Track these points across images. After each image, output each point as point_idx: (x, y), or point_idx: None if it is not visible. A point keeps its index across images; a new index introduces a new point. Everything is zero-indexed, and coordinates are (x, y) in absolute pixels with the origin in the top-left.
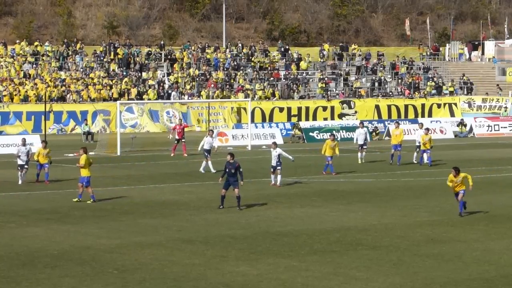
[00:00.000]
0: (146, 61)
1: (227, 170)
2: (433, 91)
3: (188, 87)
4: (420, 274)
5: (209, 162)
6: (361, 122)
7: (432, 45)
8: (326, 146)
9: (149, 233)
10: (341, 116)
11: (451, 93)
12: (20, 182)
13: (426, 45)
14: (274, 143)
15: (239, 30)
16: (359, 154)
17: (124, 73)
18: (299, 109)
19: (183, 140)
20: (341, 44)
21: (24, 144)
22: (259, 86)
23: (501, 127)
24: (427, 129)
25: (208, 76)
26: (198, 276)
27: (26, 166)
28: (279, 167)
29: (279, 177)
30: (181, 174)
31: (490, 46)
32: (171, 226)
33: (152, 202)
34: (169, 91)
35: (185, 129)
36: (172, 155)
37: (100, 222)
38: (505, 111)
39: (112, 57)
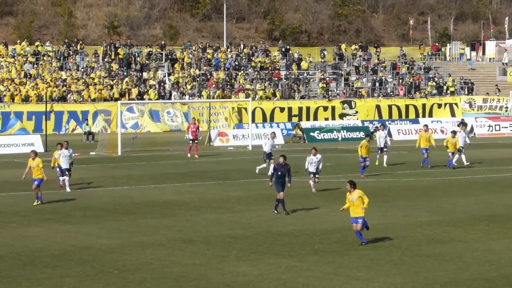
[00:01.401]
0: (147, 61)
1: (279, 173)
2: (434, 91)
3: (189, 87)
4: (421, 274)
5: (264, 165)
6: (382, 124)
7: (433, 45)
8: (362, 146)
9: (150, 233)
10: (342, 116)
11: (452, 93)
12: (68, 189)
13: (427, 44)
14: (315, 148)
15: (240, 30)
16: (378, 156)
17: (125, 73)
18: (300, 109)
19: (196, 141)
20: (360, 44)
21: (66, 147)
22: (260, 86)
23: (502, 127)
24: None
25: (209, 76)
26: (199, 276)
27: (70, 172)
28: (317, 175)
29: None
30: (182, 174)
31: (491, 46)
32: (172, 226)
33: (153, 202)
34: (170, 91)
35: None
36: (188, 155)
37: (101, 222)
38: (506, 111)
39: (113, 57)
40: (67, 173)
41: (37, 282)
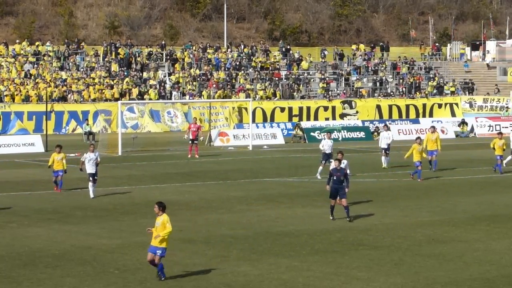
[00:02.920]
0: (147, 61)
1: (334, 178)
2: (435, 91)
3: (189, 87)
4: (422, 274)
5: (321, 168)
6: (385, 125)
7: (433, 44)
8: (413, 151)
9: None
10: (342, 116)
11: (452, 93)
12: (92, 195)
13: (428, 45)
14: (341, 152)
15: (240, 30)
16: (382, 158)
17: (125, 73)
18: (300, 109)
19: (196, 141)
20: (381, 44)
21: (93, 150)
22: (260, 86)
23: (502, 127)
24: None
25: (209, 76)
26: (199, 276)
27: (96, 177)
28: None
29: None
30: (182, 174)
31: (491, 46)
32: (172, 226)
33: (153, 202)
34: (171, 91)
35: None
36: (189, 156)
37: (101, 222)
38: (507, 111)
39: (113, 57)
40: (91, 178)
41: (37, 282)
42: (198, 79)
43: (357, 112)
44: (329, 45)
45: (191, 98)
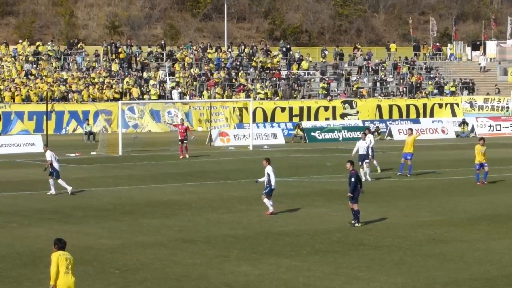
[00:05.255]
0: (148, 61)
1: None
2: (435, 91)
3: (189, 87)
4: (422, 274)
5: (364, 171)
6: (368, 128)
7: (433, 44)
8: (477, 152)
9: (151, 233)
10: (342, 116)
11: (453, 93)
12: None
13: (428, 44)
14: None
15: (240, 30)
16: (375, 163)
17: (126, 73)
18: (301, 109)
19: (185, 141)
20: (414, 44)
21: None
22: (260, 86)
23: (503, 127)
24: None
25: (209, 76)
26: (200, 276)
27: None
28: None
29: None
30: (182, 174)
31: (492, 46)
32: (173, 226)
33: (154, 202)
34: (171, 91)
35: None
36: (181, 157)
37: (102, 222)
38: (507, 111)
39: (113, 57)
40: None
41: (38, 282)
42: (199, 79)
43: (357, 112)
44: (330, 45)
45: (191, 98)
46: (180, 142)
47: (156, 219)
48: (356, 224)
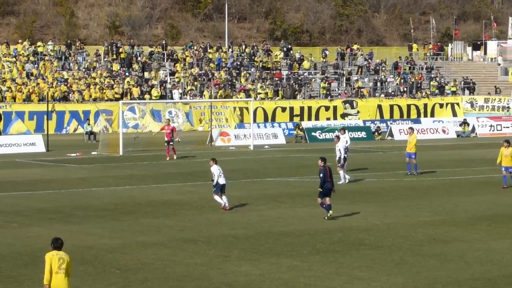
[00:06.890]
0: (149, 61)
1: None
2: (436, 91)
3: (190, 87)
4: (423, 274)
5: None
6: (343, 128)
7: (434, 44)
8: (501, 154)
9: (152, 233)
10: (343, 116)
11: (454, 93)
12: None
13: (429, 43)
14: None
15: (241, 30)
16: (341, 173)
17: (126, 73)
18: (302, 109)
19: (171, 143)
20: (409, 44)
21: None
22: (261, 86)
23: (504, 127)
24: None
25: (210, 76)
26: (201, 276)
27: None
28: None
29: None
30: (183, 174)
31: (492, 46)
32: (174, 226)
33: (155, 202)
34: (172, 91)
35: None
36: (167, 158)
37: (103, 222)
38: (508, 111)
39: (114, 57)
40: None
41: (38, 282)
42: (199, 79)
43: (358, 112)
44: (330, 45)
45: (192, 98)
46: (166, 144)
47: (157, 219)
48: (328, 214)
